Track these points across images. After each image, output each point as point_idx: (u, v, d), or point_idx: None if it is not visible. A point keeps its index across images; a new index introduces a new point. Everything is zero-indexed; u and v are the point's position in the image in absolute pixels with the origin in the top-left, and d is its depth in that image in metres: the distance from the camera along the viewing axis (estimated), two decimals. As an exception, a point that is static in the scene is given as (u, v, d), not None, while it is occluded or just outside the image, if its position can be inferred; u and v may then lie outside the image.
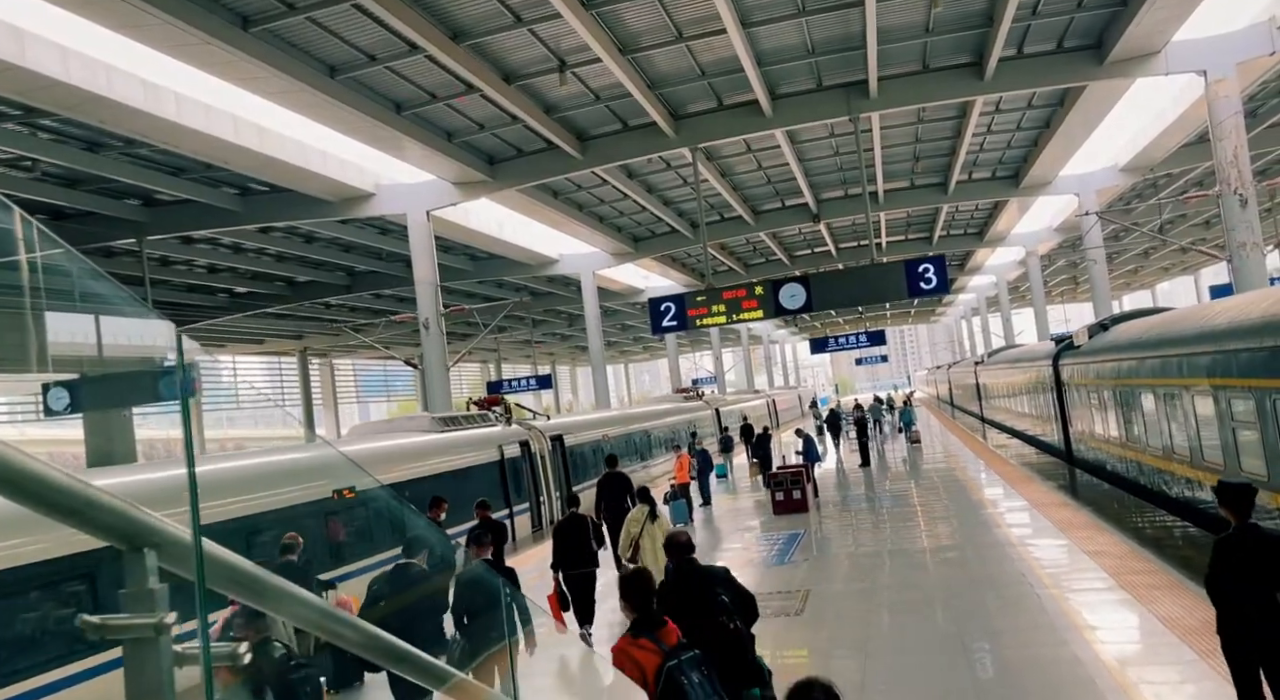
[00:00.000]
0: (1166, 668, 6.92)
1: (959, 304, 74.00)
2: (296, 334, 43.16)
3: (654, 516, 10.17)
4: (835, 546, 13.97)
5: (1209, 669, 6.68)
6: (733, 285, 23.66)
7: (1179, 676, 6.70)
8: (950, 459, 24.34)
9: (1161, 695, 6.32)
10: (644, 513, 10.15)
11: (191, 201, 21.41)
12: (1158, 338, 13.36)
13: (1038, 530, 12.84)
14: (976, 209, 36.17)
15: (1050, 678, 7.08)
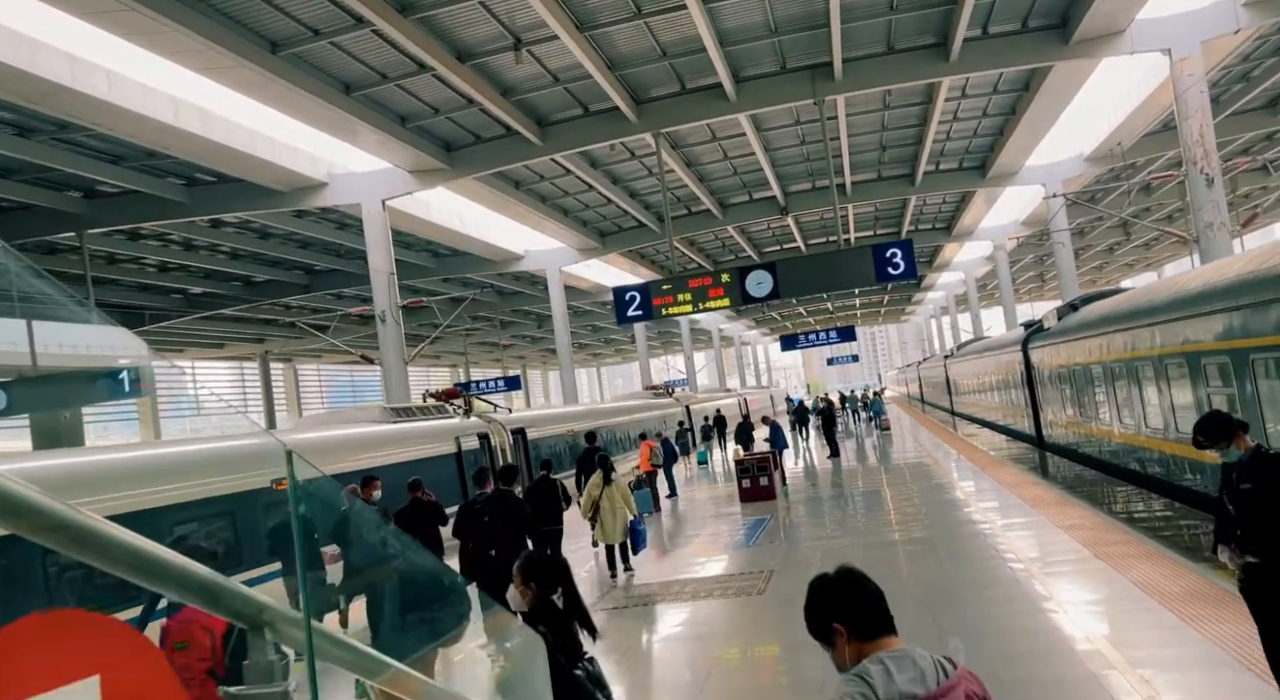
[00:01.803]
0: (1147, 632, 6.45)
1: (928, 302, 74.12)
2: (258, 337, 42.15)
3: (609, 481, 11.42)
4: (801, 530, 13.49)
5: (1193, 633, 6.23)
6: (698, 272, 23.22)
7: (1159, 640, 6.23)
8: (919, 447, 23.99)
9: (1141, 660, 5.85)
10: (601, 477, 11.49)
11: (135, 193, 20.58)
12: (1131, 309, 13.00)
13: (1008, 507, 12.42)
14: (944, 202, 36.02)
15: (1024, 646, 6.60)
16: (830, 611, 2.32)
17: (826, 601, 2.34)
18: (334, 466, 13.20)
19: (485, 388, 42.25)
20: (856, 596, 2.35)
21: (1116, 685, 5.51)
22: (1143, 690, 5.37)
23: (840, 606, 2.32)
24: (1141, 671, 5.66)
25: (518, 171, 24.13)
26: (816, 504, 16.31)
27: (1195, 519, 10.61)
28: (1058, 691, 5.61)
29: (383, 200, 21.83)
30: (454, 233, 28.64)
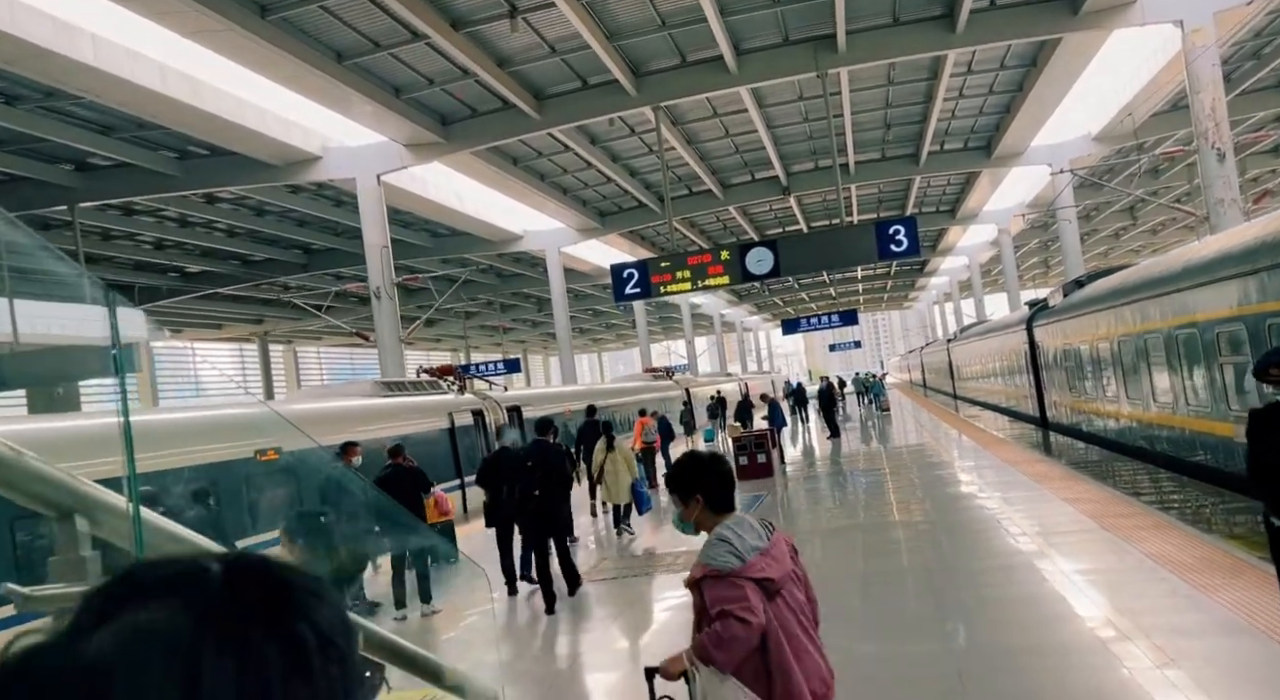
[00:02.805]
0: (1160, 600, 6.12)
1: (931, 288, 73.62)
2: (256, 318, 41.81)
3: (611, 447, 12.17)
4: (798, 506, 13.17)
5: (1208, 601, 5.90)
6: (698, 250, 22.85)
7: (1172, 608, 5.90)
8: (920, 428, 23.66)
9: (1153, 627, 5.51)
10: (604, 444, 12.30)
11: (126, 165, 20.22)
12: (1140, 281, 12.62)
13: (1010, 483, 12.08)
14: (949, 183, 35.56)
15: (1027, 614, 6.27)
16: (697, 483, 3.05)
17: (697, 474, 3.07)
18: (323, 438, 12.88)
19: (485, 370, 41.95)
20: (719, 477, 3.08)
21: (1127, 652, 5.18)
22: (1155, 657, 5.04)
23: (705, 482, 3.05)
24: (1154, 639, 5.33)
25: (515, 147, 23.72)
26: (814, 481, 15.99)
27: (1207, 493, 10.27)
28: (1063, 659, 5.28)
29: (377, 175, 21.46)
30: (452, 211, 28.24)
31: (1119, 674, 4.90)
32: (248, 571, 0.57)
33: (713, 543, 2.90)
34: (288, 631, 0.55)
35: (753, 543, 2.89)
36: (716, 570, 2.82)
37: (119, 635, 0.48)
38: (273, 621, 0.55)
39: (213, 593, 0.54)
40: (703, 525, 3.03)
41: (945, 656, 5.55)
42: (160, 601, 0.51)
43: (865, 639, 6.19)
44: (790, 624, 2.89)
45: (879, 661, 5.62)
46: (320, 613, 0.58)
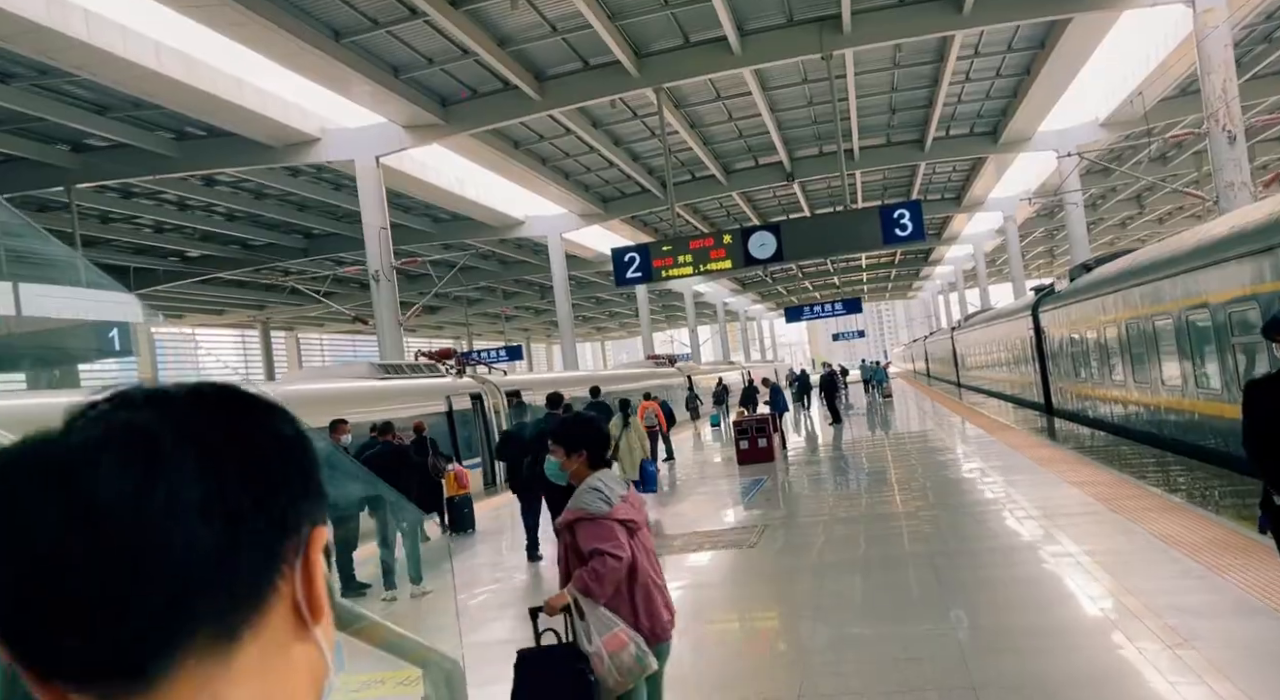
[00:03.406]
0: (1171, 580, 5.90)
1: (935, 278, 73.25)
2: (258, 303, 41.65)
3: (627, 423, 12.22)
4: (799, 488, 12.97)
5: (1221, 581, 5.68)
6: (700, 234, 22.61)
7: (1184, 588, 5.68)
8: (924, 414, 23.45)
9: (1164, 607, 5.30)
10: (620, 420, 12.24)
11: (123, 146, 19.99)
12: (1149, 262, 12.36)
13: (1015, 466, 11.86)
14: (954, 170, 35.22)
15: (1032, 594, 6.07)
16: (585, 441, 3.57)
17: (586, 433, 3.60)
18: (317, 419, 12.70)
19: (488, 357, 41.80)
20: (602, 439, 3.65)
21: (1138, 632, 4.97)
22: (1168, 637, 4.83)
23: (592, 441, 3.60)
24: (1166, 619, 5.12)
25: (516, 130, 23.47)
26: (816, 466, 15.79)
27: (1216, 477, 10.04)
28: (1071, 639, 5.07)
29: (376, 157, 21.22)
30: (453, 196, 28.00)
31: (1130, 655, 4.69)
32: (215, 388, 0.63)
33: (585, 491, 3.44)
34: (246, 435, 0.61)
35: (619, 491, 3.46)
36: (590, 514, 3.35)
37: (93, 427, 0.57)
38: (233, 425, 0.61)
39: (179, 400, 0.61)
40: (578, 476, 3.56)
41: (948, 637, 5.35)
42: (135, 407, 0.59)
43: (867, 620, 5.99)
44: (648, 556, 3.46)
45: (880, 642, 5.43)
46: (280, 426, 0.64)
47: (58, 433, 0.58)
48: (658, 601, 3.40)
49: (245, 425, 0.62)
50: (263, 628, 0.59)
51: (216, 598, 0.56)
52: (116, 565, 0.53)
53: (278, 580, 0.60)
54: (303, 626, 0.62)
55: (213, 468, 0.58)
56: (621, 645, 2.89)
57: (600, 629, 2.87)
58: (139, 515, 0.55)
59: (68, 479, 0.55)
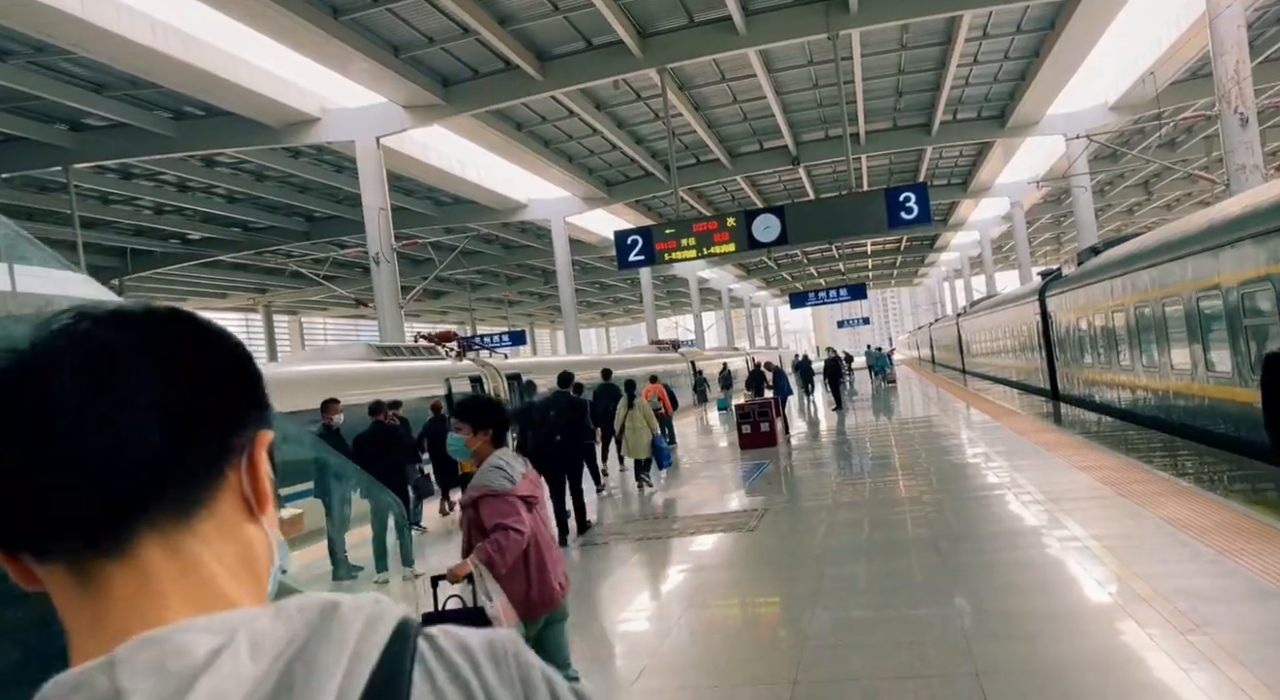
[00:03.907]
0: (1181, 564, 5.72)
1: (941, 265, 72.89)
2: (259, 287, 41.54)
3: (631, 403, 12.86)
4: (801, 473, 12.81)
5: (1234, 565, 5.51)
6: (703, 217, 22.40)
7: (1195, 572, 5.51)
8: (928, 399, 23.28)
9: (1175, 591, 5.13)
10: (626, 401, 12.96)
11: (122, 125, 19.81)
12: (1160, 243, 12.13)
13: (1021, 451, 11.68)
14: (960, 155, 34.89)
15: (1039, 579, 5.90)
16: (491, 420, 3.74)
17: (494, 413, 3.76)
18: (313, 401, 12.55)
19: (491, 342, 41.66)
20: (507, 420, 3.82)
21: (1147, 617, 4.80)
22: (1179, 622, 4.66)
23: (498, 421, 3.76)
24: (1177, 603, 4.94)
25: (518, 111, 23.22)
26: (818, 451, 15.63)
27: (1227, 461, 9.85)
28: (1079, 624, 4.90)
29: (377, 137, 21.00)
30: (455, 178, 27.78)
31: (1140, 640, 4.52)
32: (171, 310, 0.70)
33: (489, 469, 3.64)
34: (198, 348, 0.68)
35: (520, 469, 3.69)
36: (493, 490, 3.57)
37: (57, 339, 0.64)
38: (185, 339, 0.68)
39: (137, 316, 0.68)
40: (481, 453, 3.73)
41: (951, 622, 5.19)
42: (95, 321, 0.66)
43: (869, 604, 5.83)
44: (542, 533, 3.70)
45: (882, 626, 5.27)
46: (227, 343, 0.71)
47: (26, 345, 0.64)
48: (550, 574, 3.68)
49: (197, 341, 0.69)
50: (216, 508, 0.68)
51: (168, 483, 0.64)
52: (74, 458, 0.62)
53: (227, 470, 0.68)
54: (250, 515, 0.70)
55: (167, 373, 0.65)
56: (510, 617, 3.11)
57: (496, 597, 3.09)
58: (93, 415, 0.62)
59: (32, 385, 0.63)
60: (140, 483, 0.63)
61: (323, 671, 0.61)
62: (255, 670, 0.59)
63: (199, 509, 0.66)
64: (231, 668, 0.59)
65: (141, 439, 0.63)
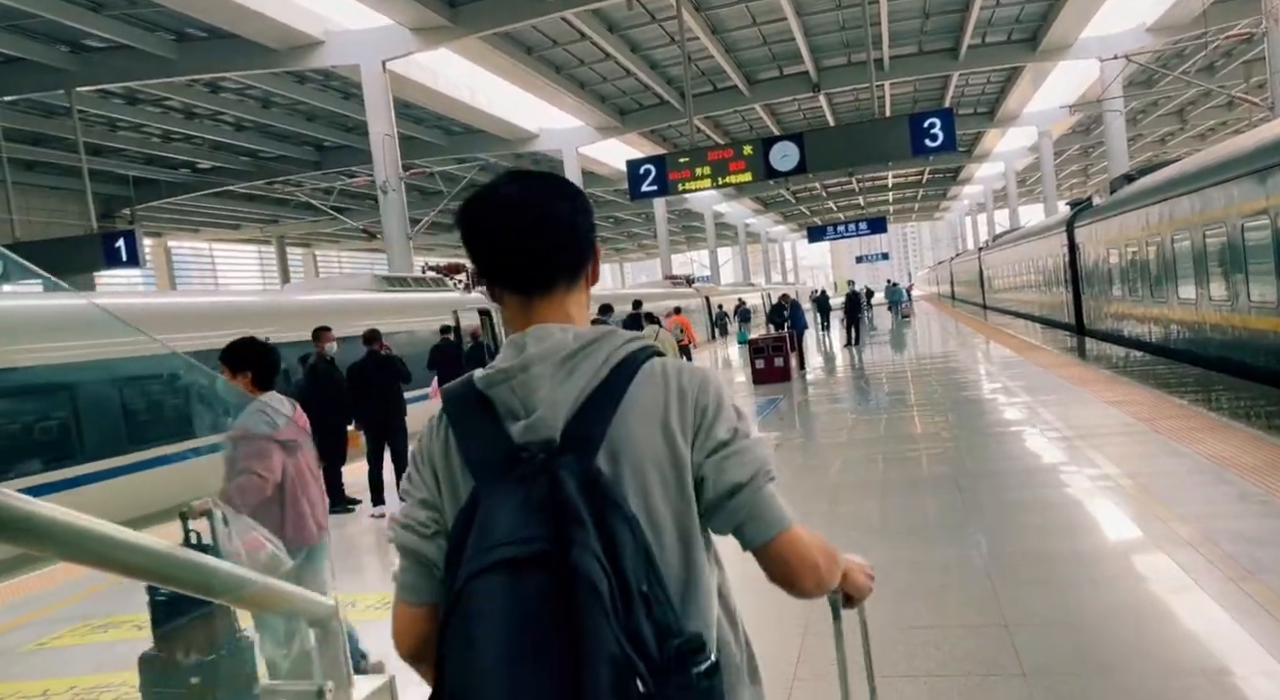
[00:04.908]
0: (1229, 505, 5.27)
1: (964, 198, 71.27)
2: (271, 218, 41.04)
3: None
4: (815, 408, 12.39)
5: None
6: (718, 145, 21.62)
7: (1242, 513, 5.06)
8: (946, 334, 22.72)
9: (1222, 532, 4.69)
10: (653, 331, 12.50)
11: (123, 47, 19.13)
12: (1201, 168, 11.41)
13: (1046, 386, 11.17)
14: (989, 82, 33.58)
15: (1066, 520, 5.48)
16: (250, 362, 3.79)
17: (253, 354, 3.80)
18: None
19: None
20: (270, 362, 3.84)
21: (1192, 561, 4.37)
22: (1229, 568, 4.23)
23: (258, 363, 3.80)
24: (1225, 547, 4.51)
25: (528, 34, 22.32)
26: (834, 385, 15.19)
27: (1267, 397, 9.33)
28: (1112, 569, 4.49)
29: (383, 61, 20.21)
30: (465, 106, 26.95)
31: (1185, 587, 4.10)
32: (558, 175, 1.43)
33: (252, 412, 3.64)
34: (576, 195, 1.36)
35: (286, 413, 3.72)
36: (250, 432, 3.59)
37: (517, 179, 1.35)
38: (572, 190, 1.37)
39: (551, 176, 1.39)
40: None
41: (974, 566, 4.79)
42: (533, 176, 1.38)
43: (885, 545, 5.43)
44: (305, 473, 3.77)
45: (900, 569, 4.87)
46: (585, 197, 1.40)
47: (495, 183, 1.33)
48: (307, 515, 3.75)
49: (574, 189, 1.36)
50: (579, 281, 1.35)
51: (572, 259, 1.32)
52: (535, 240, 1.28)
53: (589, 259, 1.36)
54: (586, 287, 1.37)
55: (566, 201, 1.31)
56: (259, 546, 3.11)
57: (241, 532, 3.07)
58: (545, 213, 1.29)
59: (510, 197, 1.29)
60: (558, 263, 1.30)
61: (598, 353, 1.25)
62: (574, 344, 1.24)
63: (577, 280, 1.33)
64: (562, 338, 1.24)
65: (565, 234, 1.31)
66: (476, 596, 1.07)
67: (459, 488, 1.23)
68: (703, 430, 1.23)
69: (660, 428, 1.21)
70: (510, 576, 1.06)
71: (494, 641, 1.04)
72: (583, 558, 1.04)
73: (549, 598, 1.05)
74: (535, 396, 1.20)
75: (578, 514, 1.09)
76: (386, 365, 8.06)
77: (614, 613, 1.03)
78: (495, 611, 1.05)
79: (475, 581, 1.07)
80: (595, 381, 1.21)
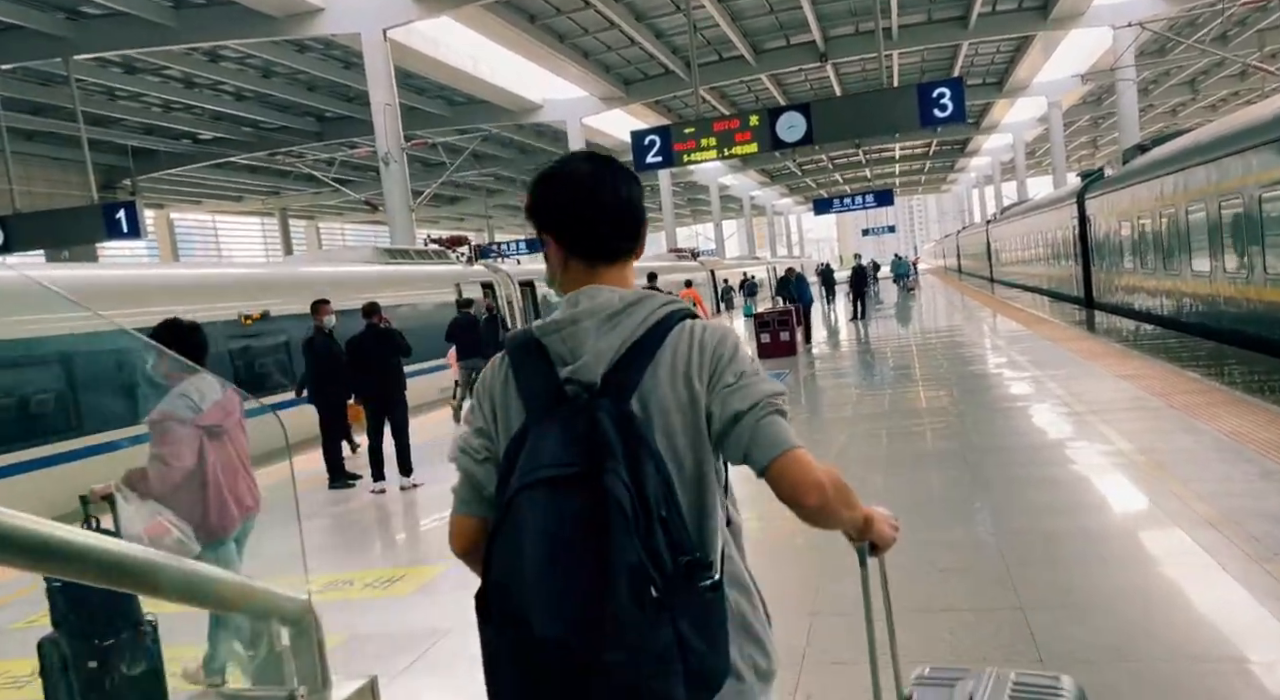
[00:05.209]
0: (1250, 484, 5.10)
1: (971, 170, 70.59)
2: (273, 190, 40.74)
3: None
4: (821, 383, 12.23)
5: (1306, 485, 4.89)
6: (724, 115, 21.30)
7: (1264, 490, 4.89)
8: (952, 307, 22.49)
9: (1242, 513, 4.53)
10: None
11: (121, 14, 18.82)
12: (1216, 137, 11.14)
13: (1056, 360, 10.98)
14: (998, 51, 33.05)
15: (1076, 499, 5.33)
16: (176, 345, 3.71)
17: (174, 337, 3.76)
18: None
19: (508, 249, 40.94)
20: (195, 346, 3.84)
21: (1214, 542, 4.22)
22: (1252, 548, 4.07)
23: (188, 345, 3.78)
24: (1248, 527, 4.35)
25: (531, 2, 21.95)
26: (839, 360, 15.01)
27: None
28: (1130, 550, 4.34)
29: (384, 29, 19.86)
30: (467, 76, 26.56)
31: (1209, 570, 3.94)
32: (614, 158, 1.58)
33: (175, 396, 3.55)
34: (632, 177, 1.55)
35: (213, 397, 3.61)
36: (171, 416, 3.49)
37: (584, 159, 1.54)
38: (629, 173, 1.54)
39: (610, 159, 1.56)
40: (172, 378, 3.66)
41: (986, 546, 4.65)
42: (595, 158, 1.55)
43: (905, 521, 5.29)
44: (231, 457, 3.68)
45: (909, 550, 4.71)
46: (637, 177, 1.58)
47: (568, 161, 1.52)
48: (228, 502, 3.64)
49: (629, 171, 1.53)
50: (635, 253, 1.54)
51: (632, 236, 1.52)
52: (607, 219, 1.48)
53: (643, 236, 1.55)
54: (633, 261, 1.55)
55: (625, 183, 1.51)
56: (164, 531, 3.08)
57: (146, 518, 3.06)
58: (615, 195, 1.48)
59: (585, 177, 1.48)
60: (622, 239, 1.50)
61: (638, 313, 1.42)
62: (619, 304, 1.42)
63: (632, 253, 1.53)
64: (610, 297, 1.43)
65: (629, 212, 1.50)
66: (523, 506, 1.29)
67: (511, 420, 1.44)
68: (716, 374, 1.40)
69: (684, 378, 1.39)
70: (551, 492, 1.28)
71: (534, 543, 1.27)
72: (613, 482, 1.25)
73: (582, 513, 1.26)
74: (582, 346, 1.40)
75: (611, 447, 1.29)
76: (386, 339, 7.88)
77: (635, 530, 1.24)
78: (537, 519, 1.28)
79: (522, 494, 1.30)
80: (634, 337, 1.40)
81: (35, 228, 17.82)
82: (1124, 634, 3.40)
